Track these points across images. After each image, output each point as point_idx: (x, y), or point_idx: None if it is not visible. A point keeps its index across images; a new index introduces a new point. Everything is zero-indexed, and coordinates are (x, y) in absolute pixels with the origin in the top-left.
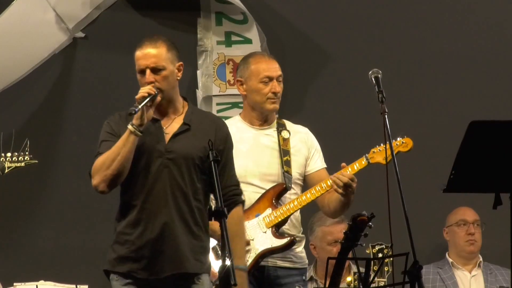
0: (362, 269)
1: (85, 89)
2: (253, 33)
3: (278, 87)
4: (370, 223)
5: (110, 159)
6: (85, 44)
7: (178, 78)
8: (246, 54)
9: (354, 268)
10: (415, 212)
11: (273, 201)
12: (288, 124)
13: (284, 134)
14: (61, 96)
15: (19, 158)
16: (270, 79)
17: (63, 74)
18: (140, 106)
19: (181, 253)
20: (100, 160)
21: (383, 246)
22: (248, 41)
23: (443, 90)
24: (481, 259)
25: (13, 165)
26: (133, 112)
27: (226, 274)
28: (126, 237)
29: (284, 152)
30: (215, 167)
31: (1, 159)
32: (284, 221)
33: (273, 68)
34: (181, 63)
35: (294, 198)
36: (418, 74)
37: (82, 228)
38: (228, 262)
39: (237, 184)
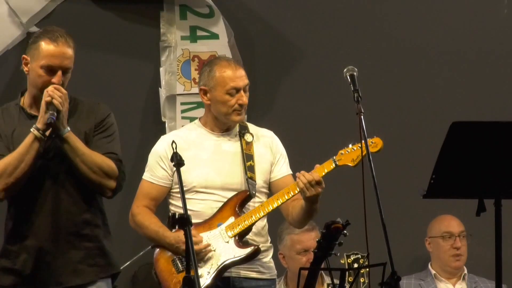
0: (337, 281)
1: None
2: (220, 28)
3: (245, 98)
4: (345, 231)
5: (12, 166)
6: None
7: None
8: (212, 50)
9: (327, 280)
10: (394, 219)
11: (236, 209)
12: (251, 127)
13: (247, 137)
14: (15, 93)
15: None
16: (237, 90)
17: (16, 71)
18: (55, 114)
19: (63, 265)
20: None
21: (359, 255)
22: (214, 36)
23: (423, 89)
24: (465, 271)
25: None
26: (52, 121)
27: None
28: (11, 247)
29: (248, 156)
30: (178, 172)
31: None
32: (248, 230)
33: (239, 77)
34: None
35: (258, 206)
36: (396, 73)
37: None
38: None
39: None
